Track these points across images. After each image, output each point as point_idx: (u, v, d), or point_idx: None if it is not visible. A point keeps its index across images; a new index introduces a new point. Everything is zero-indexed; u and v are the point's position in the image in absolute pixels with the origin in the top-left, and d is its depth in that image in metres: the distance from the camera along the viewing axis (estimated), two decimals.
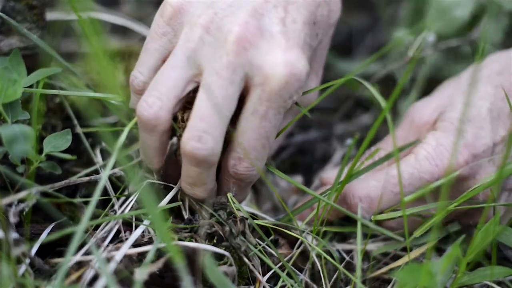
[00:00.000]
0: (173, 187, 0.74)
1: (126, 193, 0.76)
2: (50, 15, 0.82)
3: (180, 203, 0.75)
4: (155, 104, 0.67)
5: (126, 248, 0.67)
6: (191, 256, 0.68)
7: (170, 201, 0.74)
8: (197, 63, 0.68)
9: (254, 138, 0.69)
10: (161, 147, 0.70)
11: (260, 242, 0.74)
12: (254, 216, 0.77)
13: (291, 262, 0.76)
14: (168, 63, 0.69)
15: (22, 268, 0.65)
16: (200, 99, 0.67)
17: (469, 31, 0.97)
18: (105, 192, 0.76)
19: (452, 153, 0.75)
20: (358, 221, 0.73)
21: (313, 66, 0.79)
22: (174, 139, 0.68)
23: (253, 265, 0.73)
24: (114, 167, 0.79)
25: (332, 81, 0.71)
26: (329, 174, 0.85)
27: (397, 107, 0.99)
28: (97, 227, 0.72)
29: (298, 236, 0.75)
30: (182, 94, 0.69)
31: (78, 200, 0.76)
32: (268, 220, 0.78)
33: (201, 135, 0.66)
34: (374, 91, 0.68)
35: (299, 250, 0.77)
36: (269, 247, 0.74)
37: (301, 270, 0.76)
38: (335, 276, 0.77)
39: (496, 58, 0.82)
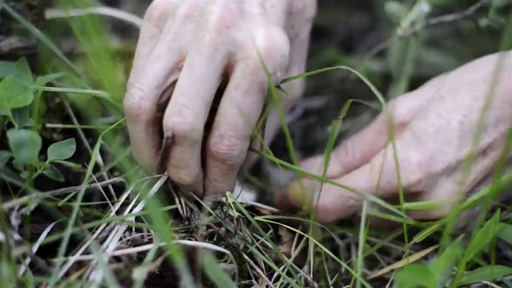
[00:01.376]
0: (170, 187, 0.74)
1: (126, 192, 0.76)
2: (50, 14, 0.82)
3: (179, 205, 0.75)
4: (137, 94, 0.68)
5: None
6: (190, 255, 0.68)
7: (169, 202, 0.74)
8: (179, 50, 0.69)
9: (236, 114, 0.69)
10: (148, 139, 0.71)
11: (259, 238, 0.74)
12: (253, 213, 0.76)
13: (291, 258, 0.76)
14: (150, 56, 0.70)
15: (22, 268, 0.65)
16: (182, 76, 0.68)
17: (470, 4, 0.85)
18: (106, 190, 0.76)
19: (403, 170, 0.72)
20: (361, 236, 0.70)
21: (294, 58, 0.80)
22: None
23: (254, 262, 0.73)
24: (113, 168, 0.79)
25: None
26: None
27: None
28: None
29: (297, 231, 0.76)
30: (165, 84, 0.69)
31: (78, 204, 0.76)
32: (270, 213, 0.78)
33: (181, 110, 0.67)
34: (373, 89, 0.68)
35: (299, 246, 0.77)
36: (269, 242, 0.74)
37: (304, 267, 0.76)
38: (336, 276, 0.77)
39: (487, 61, 0.76)
